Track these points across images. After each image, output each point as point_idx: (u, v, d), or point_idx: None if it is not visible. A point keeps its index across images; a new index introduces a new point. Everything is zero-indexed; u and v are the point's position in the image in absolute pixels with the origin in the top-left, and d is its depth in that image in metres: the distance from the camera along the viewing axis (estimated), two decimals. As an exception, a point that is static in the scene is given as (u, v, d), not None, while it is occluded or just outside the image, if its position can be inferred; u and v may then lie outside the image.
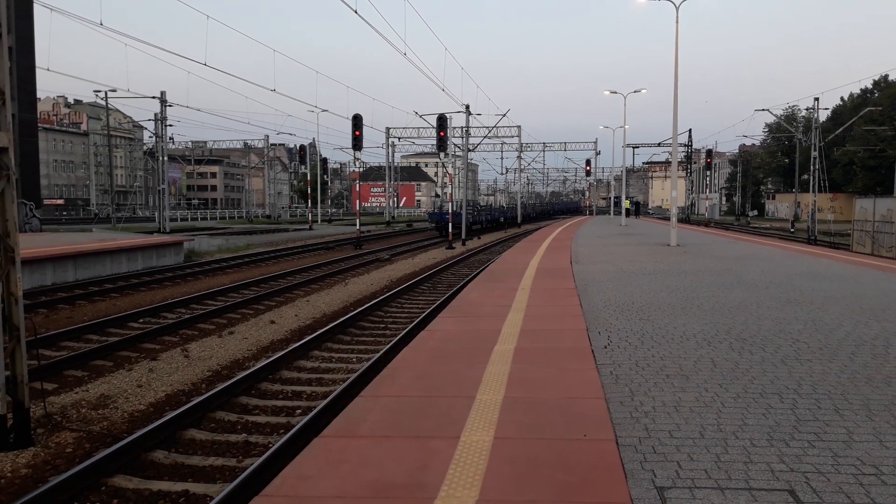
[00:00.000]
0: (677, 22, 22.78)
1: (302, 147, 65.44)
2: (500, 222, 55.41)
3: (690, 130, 71.52)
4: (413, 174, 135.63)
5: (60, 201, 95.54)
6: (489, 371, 5.87)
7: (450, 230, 32.91)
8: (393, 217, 73.77)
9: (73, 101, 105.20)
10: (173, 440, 6.52)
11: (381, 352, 9.42)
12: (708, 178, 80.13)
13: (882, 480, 3.60)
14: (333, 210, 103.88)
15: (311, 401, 7.82)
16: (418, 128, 65.95)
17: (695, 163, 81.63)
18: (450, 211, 33.91)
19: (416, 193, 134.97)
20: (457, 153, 50.08)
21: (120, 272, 20.03)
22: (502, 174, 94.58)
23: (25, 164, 35.68)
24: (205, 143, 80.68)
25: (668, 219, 38.01)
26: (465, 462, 3.89)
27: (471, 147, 48.93)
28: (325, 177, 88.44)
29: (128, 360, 9.74)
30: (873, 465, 3.80)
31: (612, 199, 75.32)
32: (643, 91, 48.09)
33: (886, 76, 79.14)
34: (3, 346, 6.05)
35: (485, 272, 15.20)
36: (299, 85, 52.83)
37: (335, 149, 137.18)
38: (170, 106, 44.10)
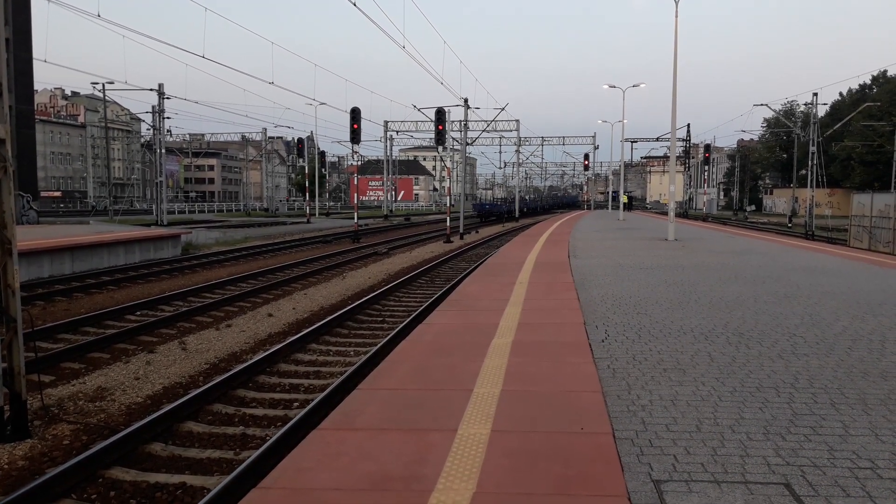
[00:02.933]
0: (676, 16, 22.77)
1: (300, 140, 65.37)
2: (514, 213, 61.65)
3: (689, 125, 71.48)
4: (411, 168, 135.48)
5: (58, 193, 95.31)
6: (487, 364, 5.87)
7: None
8: (391, 211, 73.70)
9: (70, 93, 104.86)
10: (171, 432, 6.52)
11: (379, 345, 9.42)
12: (706, 173, 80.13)
13: (878, 474, 3.62)
14: (331, 203, 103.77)
15: (309, 394, 7.83)
16: (416, 121, 65.78)
17: (693, 157, 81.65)
18: (487, 202, 38.94)
19: (415, 187, 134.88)
20: (455, 147, 50.03)
21: (117, 265, 20.01)
22: (500, 168, 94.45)
23: (23, 156, 35.57)
24: (202, 135, 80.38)
25: (665, 213, 38.08)
26: (462, 455, 3.89)
27: (469, 141, 48.89)
28: (323, 170, 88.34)
29: (125, 352, 9.74)
30: (869, 459, 3.82)
31: (611, 193, 75.38)
32: (642, 86, 48.13)
33: (885, 72, 79.12)
34: (0, 338, 6.05)
35: (483, 266, 15.20)
36: (298, 78, 52.88)
37: (333, 142, 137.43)
38: (168, 98, 43.97)
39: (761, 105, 51.15)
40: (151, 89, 43.84)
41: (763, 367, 5.76)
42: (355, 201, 35.56)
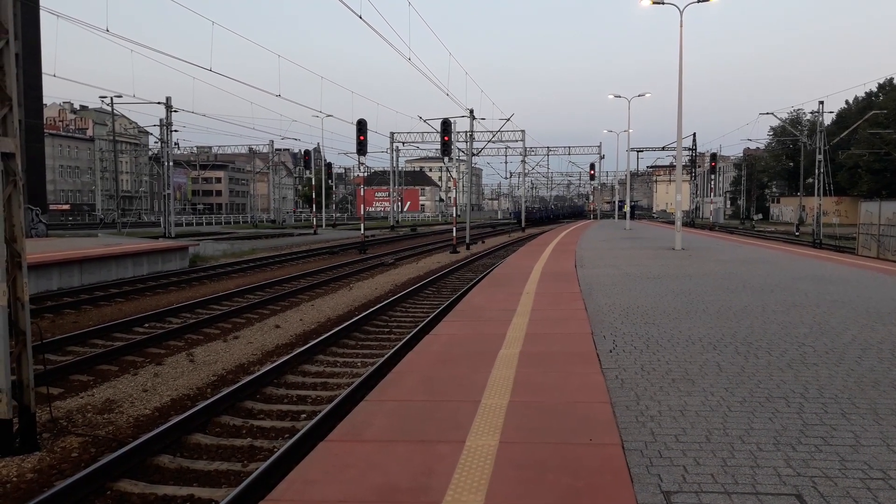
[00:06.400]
0: (681, 26, 22.82)
1: (307, 152, 65.69)
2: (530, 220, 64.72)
3: (695, 134, 71.55)
4: (417, 178, 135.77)
5: (66, 206, 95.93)
6: (494, 375, 5.86)
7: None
8: (397, 221, 73.85)
9: (78, 107, 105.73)
10: (178, 445, 6.52)
11: (386, 356, 9.42)
12: (712, 182, 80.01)
13: (890, 485, 3.58)
14: (338, 215, 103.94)
15: (317, 405, 7.82)
16: (422, 132, 66.06)
17: (699, 166, 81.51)
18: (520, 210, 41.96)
19: (421, 198, 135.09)
20: (461, 157, 50.15)
21: (125, 277, 20.09)
22: (506, 178, 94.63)
23: (32, 169, 35.79)
24: (210, 148, 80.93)
25: (671, 222, 38.09)
26: (470, 466, 3.88)
27: (475, 151, 48.99)
28: (330, 181, 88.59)
29: (133, 364, 9.76)
30: (881, 470, 3.78)
31: (617, 203, 75.25)
32: (647, 95, 48.05)
33: (891, 79, 78.85)
34: (9, 350, 6.07)
35: (489, 276, 15.19)
36: (304, 90, 53.13)
37: (340, 153, 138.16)
38: (175, 111, 44.31)
39: (767, 114, 51.22)
40: (159, 102, 44.19)
41: (772, 377, 5.73)
42: (362, 212, 35.66)
